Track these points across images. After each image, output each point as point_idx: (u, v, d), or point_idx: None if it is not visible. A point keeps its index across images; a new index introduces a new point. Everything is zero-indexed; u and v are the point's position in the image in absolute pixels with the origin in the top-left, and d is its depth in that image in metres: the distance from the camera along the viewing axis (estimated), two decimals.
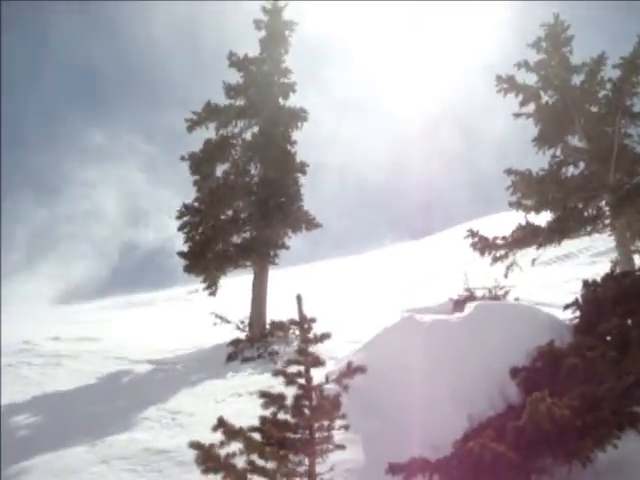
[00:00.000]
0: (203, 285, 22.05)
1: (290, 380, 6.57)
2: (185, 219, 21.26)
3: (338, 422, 6.75)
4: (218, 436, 6.92)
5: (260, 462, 6.66)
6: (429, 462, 7.74)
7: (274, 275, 22.58)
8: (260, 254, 20.93)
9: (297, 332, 19.23)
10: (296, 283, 32.60)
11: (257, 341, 19.90)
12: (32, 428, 14.34)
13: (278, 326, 20.22)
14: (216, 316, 20.63)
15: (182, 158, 21.45)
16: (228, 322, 20.76)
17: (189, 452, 11.18)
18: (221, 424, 6.39)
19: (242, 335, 20.49)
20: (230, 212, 21.54)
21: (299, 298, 6.58)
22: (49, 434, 13.57)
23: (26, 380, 18.34)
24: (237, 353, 19.58)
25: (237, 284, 26.59)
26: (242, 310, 21.68)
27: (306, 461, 6.76)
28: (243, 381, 16.44)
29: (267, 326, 20.66)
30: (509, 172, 20.65)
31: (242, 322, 20.84)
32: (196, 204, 21.38)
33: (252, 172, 21.91)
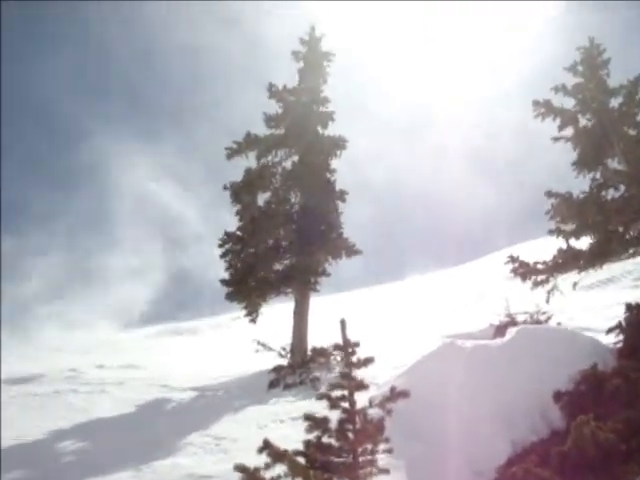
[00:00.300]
0: (243, 313, 22.17)
1: (334, 404, 6.61)
2: (227, 247, 21.48)
3: (382, 446, 6.76)
4: (262, 461, 6.97)
5: None
6: None
7: (315, 302, 22.63)
8: (301, 281, 21.03)
9: (338, 358, 19.36)
10: (336, 310, 32.48)
11: (299, 368, 19.91)
12: (77, 454, 14.51)
13: (319, 353, 20.21)
14: (258, 343, 20.73)
15: (224, 187, 21.74)
16: (270, 349, 20.83)
17: (232, 477, 11.29)
18: (266, 446, 6.44)
19: (284, 362, 20.51)
20: (271, 240, 21.69)
21: (343, 323, 6.64)
22: (94, 460, 13.71)
23: (72, 407, 18.59)
24: (279, 380, 19.61)
25: (279, 311, 26.68)
26: (284, 337, 21.74)
27: None
28: (285, 407, 16.47)
29: (309, 353, 20.65)
30: (549, 195, 20.43)
31: (284, 349, 20.89)
32: (238, 232, 21.60)
33: (292, 200, 22.09)
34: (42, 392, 19.98)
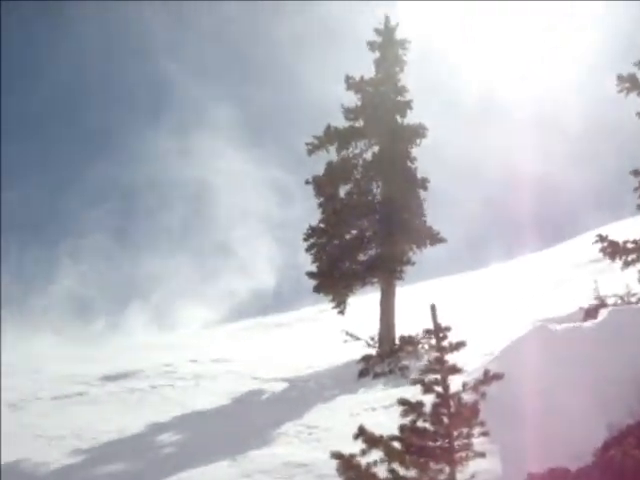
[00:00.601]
0: (332, 304, 22.31)
1: (428, 388, 6.59)
2: (312, 240, 21.64)
3: (477, 430, 6.69)
4: (356, 449, 7.00)
5: (400, 471, 6.68)
6: (569, 472, 7.54)
7: (399, 291, 22.54)
8: (386, 271, 21.00)
9: (427, 346, 19.23)
10: (421, 298, 32.28)
11: (387, 357, 19.91)
12: (176, 445, 14.90)
13: (407, 341, 20.16)
14: (346, 334, 20.80)
15: (306, 182, 21.90)
16: (358, 339, 20.87)
17: (327, 465, 11.39)
18: (362, 432, 6.47)
19: (372, 351, 20.53)
20: (355, 231, 21.74)
21: (433, 308, 6.60)
22: (192, 451, 14.06)
23: (169, 401, 19.09)
24: (368, 369, 19.66)
25: (365, 302, 26.71)
26: (371, 327, 21.75)
27: (446, 469, 6.72)
28: (376, 395, 16.49)
29: (396, 341, 20.61)
30: (636, 173, 19.81)
31: (372, 339, 20.90)
32: (322, 225, 21.72)
33: (374, 191, 22.05)
34: (139, 387, 20.59)
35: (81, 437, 15.92)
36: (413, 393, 12.20)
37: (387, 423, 10.48)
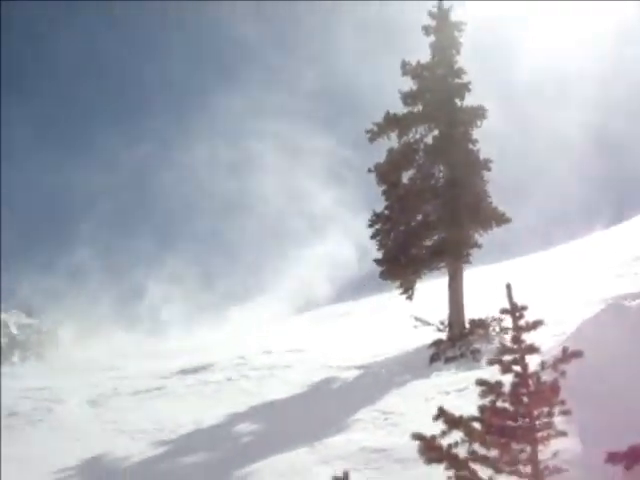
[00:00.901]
0: (400, 290, 22.21)
1: (506, 368, 6.51)
2: (377, 227, 21.57)
3: (557, 408, 6.59)
4: (433, 432, 6.97)
5: (482, 451, 6.63)
6: None
7: (466, 274, 22.32)
8: (453, 255, 20.78)
9: (497, 329, 18.98)
10: (488, 281, 32.00)
11: (458, 340, 19.75)
12: (254, 434, 15.10)
13: (478, 324, 19.95)
14: (416, 319, 20.70)
15: (369, 170, 21.81)
16: (428, 324, 20.75)
17: (404, 449, 11.43)
18: (442, 414, 6.44)
19: (443, 336, 20.40)
20: (419, 216, 21.55)
21: (509, 287, 6.51)
22: (271, 439, 14.23)
23: (244, 392, 19.35)
24: (439, 354, 19.54)
25: (432, 287, 26.55)
26: (439, 312, 21.61)
27: (528, 449, 6.64)
28: (449, 379, 16.40)
29: (467, 325, 20.42)
30: None
31: (442, 323, 20.74)
32: (386, 212, 21.62)
33: (437, 175, 21.82)
34: (215, 380, 20.94)
35: (161, 430, 16.29)
36: (487, 376, 12.09)
37: (462, 406, 10.40)
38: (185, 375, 22.32)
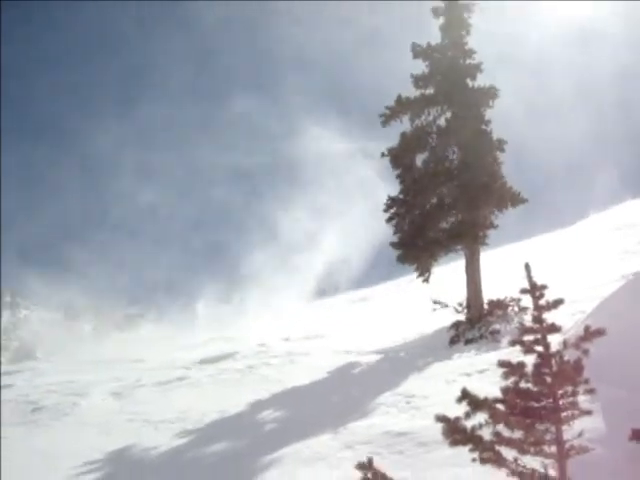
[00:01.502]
0: (417, 273, 22.17)
1: (528, 348, 6.41)
2: (392, 211, 21.50)
3: (582, 387, 6.49)
4: (456, 414, 6.90)
5: (506, 433, 6.56)
6: None
7: (484, 256, 22.22)
8: (470, 236, 20.67)
9: (516, 309, 18.88)
10: (503, 263, 31.90)
11: (477, 322, 19.72)
12: (278, 421, 15.09)
13: (496, 305, 19.88)
14: (434, 302, 20.67)
15: (382, 154, 21.73)
16: (446, 306, 20.71)
17: (428, 432, 11.38)
18: (465, 395, 6.36)
19: (462, 318, 20.35)
20: (435, 199, 21.45)
21: (527, 267, 6.40)
22: (294, 425, 14.22)
23: (266, 379, 19.36)
24: (459, 335, 19.54)
25: (447, 270, 26.46)
26: (456, 294, 21.56)
27: (552, 429, 6.55)
28: (470, 361, 16.34)
29: (485, 306, 20.34)
30: None
31: (460, 305, 20.69)
32: (401, 196, 21.54)
33: (451, 157, 21.69)
34: (237, 368, 20.99)
35: (185, 420, 16.32)
36: (508, 356, 11.98)
37: (484, 387, 10.33)
38: (207, 364, 22.40)
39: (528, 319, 18.52)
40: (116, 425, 17.00)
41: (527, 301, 17.87)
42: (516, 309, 19.57)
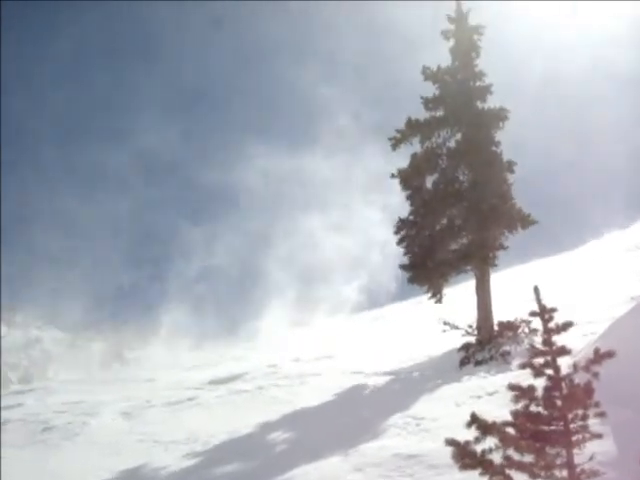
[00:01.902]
0: (427, 295, 22.10)
1: (538, 371, 6.38)
2: (402, 233, 21.48)
3: (592, 411, 6.44)
4: (465, 437, 6.85)
5: (516, 457, 6.51)
6: None
7: (493, 277, 22.12)
8: (480, 258, 20.61)
9: (527, 330, 18.76)
10: (513, 284, 31.77)
11: (487, 343, 19.59)
12: (287, 443, 15.03)
13: (507, 326, 19.75)
14: (444, 323, 20.56)
15: (392, 175, 21.75)
16: (457, 328, 20.60)
17: (438, 455, 11.31)
18: (474, 420, 6.32)
19: (471, 339, 20.23)
20: (445, 220, 21.40)
21: (536, 290, 6.39)
22: (304, 447, 14.15)
23: (276, 400, 19.30)
24: (469, 357, 19.41)
25: (458, 291, 26.38)
26: (466, 314, 21.45)
27: (563, 452, 6.50)
28: (479, 383, 16.23)
29: (495, 328, 20.21)
30: None
31: (470, 326, 20.58)
32: (411, 217, 21.52)
33: (461, 178, 21.66)
34: (246, 389, 20.93)
35: (195, 440, 16.28)
36: (518, 378, 11.90)
37: (494, 410, 10.26)
38: (217, 385, 22.37)
39: (538, 341, 18.46)
40: (126, 445, 16.98)
41: (537, 323, 17.77)
42: (526, 330, 19.44)
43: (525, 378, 10.02)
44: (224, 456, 14.42)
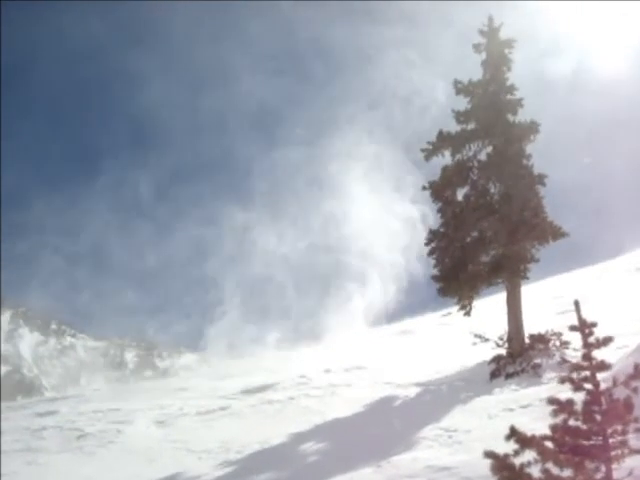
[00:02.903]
0: (456, 307, 22.02)
1: (577, 386, 6.32)
2: (433, 245, 21.43)
3: (632, 426, 6.36)
4: (500, 450, 6.79)
5: (555, 471, 6.44)
6: None
7: (523, 290, 21.96)
8: (511, 270, 20.49)
9: (558, 343, 18.60)
10: (544, 296, 31.50)
11: (518, 356, 19.42)
12: (319, 453, 15.01)
13: (538, 339, 19.61)
14: (475, 335, 20.45)
15: (423, 187, 21.77)
16: (487, 340, 20.46)
17: (471, 468, 11.21)
18: (513, 433, 6.27)
19: (502, 352, 20.07)
20: (475, 233, 21.33)
21: (577, 304, 6.33)
22: (336, 458, 14.13)
23: (307, 410, 19.28)
24: (500, 369, 19.25)
25: (486, 304, 26.20)
26: (496, 328, 21.29)
27: (602, 467, 6.43)
28: (511, 396, 16.12)
29: (526, 340, 20.05)
30: None
31: (501, 339, 20.42)
32: (442, 229, 21.48)
33: (492, 191, 21.60)
34: (278, 399, 20.91)
35: (228, 450, 16.30)
36: (551, 392, 11.82)
37: (528, 423, 10.18)
38: (248, 395, 22.36)
39: (570, 354, 18.31)
40: (160, 453, 17.07)
41: (569, 336, 17.59)
42: (557, 343, 19.28)
43: (558, 391, 9.94)
44: (257, 466, 14.43)
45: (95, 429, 20.20)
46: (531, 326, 20.39)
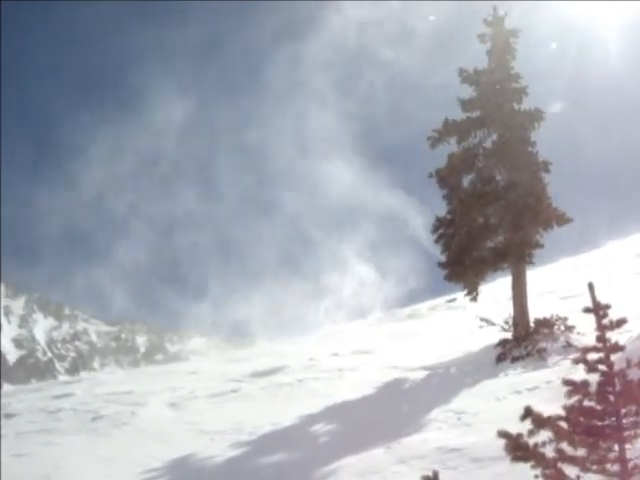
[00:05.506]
0: (462, 293, 22.00)
1: (591, 367, 6.25)
2: (440, 231, 21.37)
3: None
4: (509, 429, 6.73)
5: (569, 451, 6.39)
6: None
7: (530, 274, 21.88)
8: (516, 256, 20.42)
9: (562, 328, 18.54)
10: (546, 282, 31.44)
11: (523, 340, 19.36)
12: (330, 435, 14.99)
13: (543, 323, 19.56)
14: (481, 319, 20.41)
15: (430, 175, 21.65)
16: (493, 324, 20.41)
17: (480, 449, 11.18)
18: (528, 413, 6.21)
19: (508, 336, 20.02)
20: (481, 219, 21.24)
21: (591, 286, 6.24)
22: (346, 439, 14.10)
23: (316, 393, 19.26)
24: (505, 353, 19.20)
25: (491, 289, 26.13)
26: (501, 312, 21.26)
27: (615, 447, 6.37)
28: (518, 379, 16.07)
29: (531, 325, 20.01)
30: None
31: (506, 323, 20.37)
32: (448, 216, 21.40)
33: (497, 178, 21.50)
34: (287, 382, 20.90)
35: (240, 431, 16.29)
36: (555, 374, 11.75)
37: (537, 405, 10.07)
38: (258, 378, 22.37)
39: (574, 337, 18.25)
40: (173, 435, 17.07)
41: (573, 320, 17.51)
42: (562, 328, 19.23)
43: (564, 374, 9.87)
44: (270, 447, 14.42)
45: (110, 411, 20.21)
46: (539, 310, 20.36)
